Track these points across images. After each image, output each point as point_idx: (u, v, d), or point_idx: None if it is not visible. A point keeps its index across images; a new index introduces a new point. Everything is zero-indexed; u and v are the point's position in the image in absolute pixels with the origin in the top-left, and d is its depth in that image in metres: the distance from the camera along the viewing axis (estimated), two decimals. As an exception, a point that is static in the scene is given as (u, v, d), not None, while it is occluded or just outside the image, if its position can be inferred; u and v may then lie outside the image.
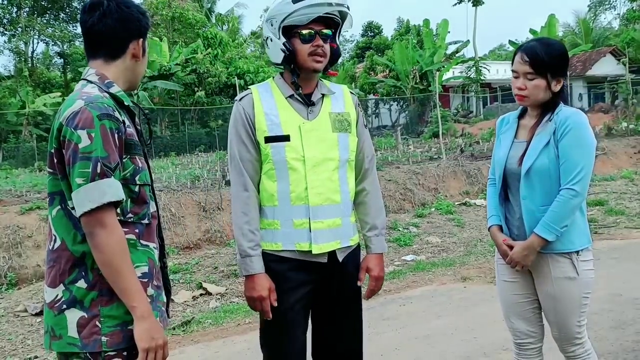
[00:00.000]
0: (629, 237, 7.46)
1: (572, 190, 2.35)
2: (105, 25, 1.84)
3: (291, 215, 2.31)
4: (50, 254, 1.81)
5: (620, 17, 48.14)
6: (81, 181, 1.69)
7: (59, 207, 1.79)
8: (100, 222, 1.69)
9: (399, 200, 9.97)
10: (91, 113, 1.71)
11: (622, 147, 13.89)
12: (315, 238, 2.30)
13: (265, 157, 2.32)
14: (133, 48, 1.91)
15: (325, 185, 2.32)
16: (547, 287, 2.47)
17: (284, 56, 2.29)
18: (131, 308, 1.75)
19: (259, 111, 2.32)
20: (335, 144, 2.35)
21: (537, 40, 2.56)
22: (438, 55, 28.49)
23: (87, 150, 1.69)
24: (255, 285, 2.27)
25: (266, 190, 2.33)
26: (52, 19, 33.50)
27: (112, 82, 1.87)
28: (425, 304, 5.30)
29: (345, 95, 2.48)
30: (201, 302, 5.82)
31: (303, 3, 2.21)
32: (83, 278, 1.77)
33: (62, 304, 1.77)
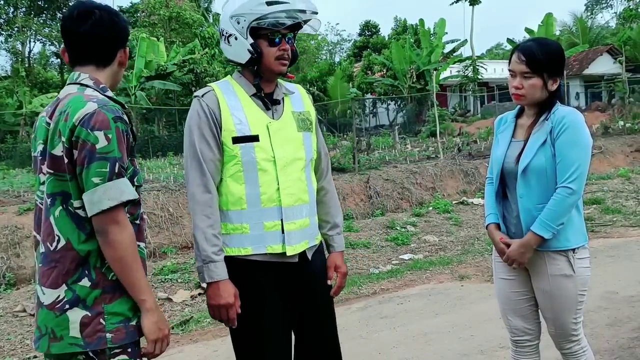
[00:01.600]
0: (625, 235, 7.50)
1: (568, 189, 2.37)
2: (99, 34, 1.89)
3: (262, 217, 2.22)
4: (52, 254, 1.80)
5: (617, 15, 48.25)
6: (98, 180, 1.73)
7: (61, 208, 1.80)
8: (114, 219, 1.74)
9: (396, 200, 10.00)
10: (107, 115, 1.77)
11: (619, 146, 13.94)
12: (289, 239, 2.24)
13: (231, 158, 2.21)
14: (120, 56, 1.98)
15: (296, 186, 2.28)
16: (543, 285, 2.50)
17: (250, 57, 2.20)
18: (140, 301, 1.81)
19: (225, 110, 2.22)
20: (301, 144, 2.33)
21: (534, 40, 2.59)
22: (435, 55, 28.51)
23: (104, 150, 1.74)
24: (221, 292, 2.14)
25: (232, 193, 2.22)
26: (48, 19, 33.45)
27: (106, 87, 1.93)
28: (422, 302, 5.32)
29: (302, 94, 2.46)
30: (199, 301, 5.84)
31: (277, 7, 2.14)
32: (87, 277, 1.79)
33: (64, 304, 1.78)
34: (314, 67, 35.43)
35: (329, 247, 2.51)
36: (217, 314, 2.19)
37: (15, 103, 26.93)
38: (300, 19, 2.20)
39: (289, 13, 2.16)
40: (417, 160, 12.80)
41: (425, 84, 28.33)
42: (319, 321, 2.41)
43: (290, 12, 2.16)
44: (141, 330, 1.85)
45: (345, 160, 11.62)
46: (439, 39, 29.44)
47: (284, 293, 2.28)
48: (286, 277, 2.28)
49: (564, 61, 2.54)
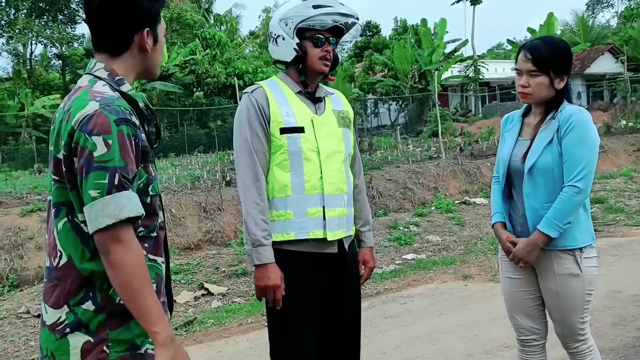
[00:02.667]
0: (628, 234, 7.49)
1: (575, 188, 2.36)
2: (104, 17, 1.66)
3: (306, 204, 2.37)
4: (54, 271, 1.62)
5: (618, 15, 48.21)
6: (96, 194, 1.50)
7: (65, 220, 1.60)
8: (116, 238, 1.51)
9: (399, 200, 9.99)
10: (107, 117, 1.53)
11: (621, 145, 13.91)
12: (330, 226, 2.39)
13: (279, 147, 2.37)
14: (139, 39, 1.70)
15: (337, 176, 2.44)
16: (550, 284, 2.49)
17: (295, 55, 2.39)
18: (152, 334, 1.56)
19: (273, 103, 2.38)
20: (342, 138, 2.50)
21: (541, 38, 2.59)
22: (436, 55, 28.50)
23: (103, 159, 1.51)
24: (270, 274, 2.29)
25: (278, 181, 2.37)
26: (50, 21, 33.50)
27: (123, 80, 1.70)
28: (426, 302, 5.32)
29: (341, 97, 2.66)
30: (203, 302, 5.84)
31: (323, 10, 2.34)
32: (91, 300, 1.58)
33: (65, 327, 1.59)
34: (315, 68, 35.37)
35: (360, 242, 2.67)
36: (263, 295, 2.34)
37: (17, 105, 26.97)
38: (340, 22, 2.40)
39: (333, 16, 2.36)
40: (419, 160, 12.79)
41: (426, 84, 28.33)
42: (348, 311, 2.53)
43: (334, 15, 2.36)
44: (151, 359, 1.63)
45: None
46: (440, 39, 29.43)
47: (319, 283, 2.42)
48: (322, 268, 2.42)
49: (571, 60, 2.54)
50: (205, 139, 24.46)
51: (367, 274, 2.66)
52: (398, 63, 28.93)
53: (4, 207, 8.31)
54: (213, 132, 24.09)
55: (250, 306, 5.49)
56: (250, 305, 5.53)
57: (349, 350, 2.56)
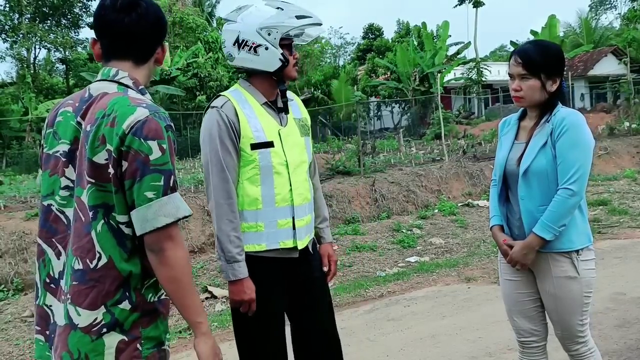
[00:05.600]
0: (632, 236, 7.47)
1: (569, 190, 2.37)
2: (143, 27, 1.74)
3: (275, 216, 2.43)
4: (91, 272, 1.63)
5: (621, 16, 48.13)
6: (152, 195, 1.59)
7: (102, 222, 1.63)
8: (170, 237, 1.61)
9: (402, 202, 10.00)
10: (159, 123, 1.63)
11: (625, 147, 13.90)
12: (299, 235, 2.48)
13: (249, 162, 2.40)
14: (158, 52, 1.84)
15: (303, 186, 2.53)
16: (548, 287, 2.50)
17: (280, 66, 2.41)
18: (196, 324, 1.69)
19: (243, 118, 2.39)
20: (304, 148, 2.57)
21: (532, 42, 2.63)
22: (439, 57, 28.51)
23: (159, 162, 1.60)
24: (245, 289, 2.35)
25: (248, 195, 2.41)
26: (53, 26, 33.59)
27: (144, 89, 1.78)
28: (429, 304, 5.33)
29: (298, 102, 2.68)
30: (207, 305, 5.86)
31: (306, 21, 2.41)
32: (127, 299, 1.65)
33: (101, 327, 1.63)
34: (318, 71, 35.42)
35: (319, 239, 2.76)
36: (237, 307, 2.41)
37: (21, 109, 27.06)
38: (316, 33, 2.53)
39: (314, 27, 2.46)
40: (422, 163, 12.80)
41: (429, 86, 28.33)
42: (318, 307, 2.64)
43: (314, 25, 2.45)
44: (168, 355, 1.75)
45: (350, 163, 11.62)
46: (442, 41, 29.46)
47: (284, 287, 2.51)
48: (288, 270, 2.50)
49: (563, 62, 2.55)
50: (208, 143, 24.45)
51: (333, 268, 2.76)
52: (401, 66, 28.96)
53: (8, 211, 8.35)
54: (216, 136, 24.06)
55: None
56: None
57: (329, 348, 2.64)
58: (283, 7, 2.40)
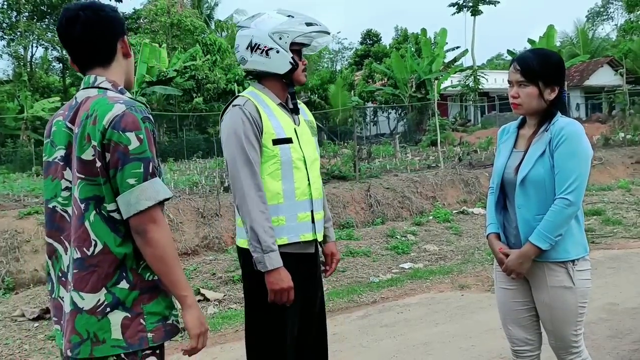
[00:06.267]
0: (626, 246, 7.49)
1: (566, 200, 2.37)
2: (90, 34, 1.88)
3: (296, 210, 2.55)
4: (89, 259, 1.79)
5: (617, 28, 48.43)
6: (134, 181, 1.75)
7: (94, 212, 1.79)
8: (152, 218, 1.76)
9: (397, 208, 10.00)
10: (135, 116, 1.79)
11: (620, 157, 13.95)
12: (318, 228, 2.64)
13: (270, 158, 2.51)
14: (121, 47, 1.97)
15: (318, 182, 2.68)
16: (543, 296, 2.50)
17: (290, 69, 2.55)
18: (182, 297, 1.83)
19: (264, 115, 2.52)
20: (315, 146, 2.73)
21: (531, 50, 2.65)
22: (436, 64, 28.55)
23: (137, 151, 1.76)
24: (283, 277, 2.42)
25: (269, 189, 2.50)
26: (51, 24, 33.47)
27: (124, 89, 1.94)
28: (423, 311, 5.31)
29: (304, 106, 2.82)
30: (199, 308, 5.82)
31: (315, 28, 2.57)
32: (124, 279, 1.81)
33: (105, 307, 1.78)
34: (315, 75, 35.47)
35: (324, 237, 2.82)
36: (278, 297, 2.44)
37: (17, 107, 26.94)
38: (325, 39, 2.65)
39: (322, 34, 2.61)
40: (417, 169, 12.80)
41: (426, 93, 28.37)
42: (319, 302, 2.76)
43: (322, 33, 2.60)
44: (176, 329, 1.89)
45: (346, 168, 11.62)
46: (440, 48, 29.51)
47: (300, 283, 2.55)
48: (302, 267, 2.59)
49: (563, 71, 2.55)
50: (204, 145, 24.44)
51: (334, 265, 2.87)
52: (398, 72, 28.98)
53: (1, 209, 8.30)
54: (212, 138, 24.04)
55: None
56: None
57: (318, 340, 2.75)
58: (294, 15, 2.57)
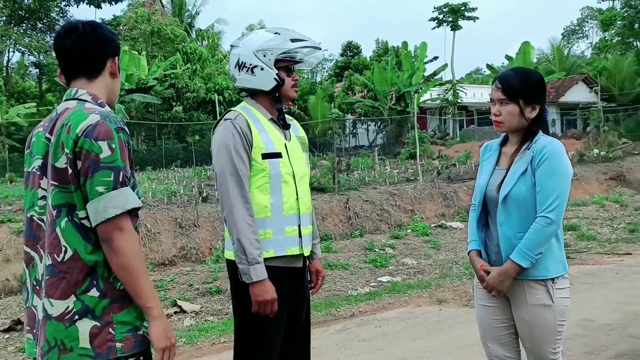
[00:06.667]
0: (600, 262, 7.59)
1: (547, 218, 2.40)
2: (83, 46, 1.95)
3: (283, 224, 2.57)
4: (59, 265, 1.81)
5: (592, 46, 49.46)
6: (102, 189, 1.76)
7: (66, 219, 1.81)
8: (119, 227, 1.77)
9: (375, 221, 10.01)
10: (109, 126, 1.81)
11: (594, 174, 14.18)
12: (305, 242, 2.64)
13: (259, 172, 2.54)
14: (110, 66, 2.03)
15: (307, 196, 2.70)
16: (522, 314, 2.51)
17: (275, 85, 2.58)
18: (147, 309, 1.82)
19: (254, 129, 2.55)
20: (305, 162, 2.77)
21: (513, 69, 2.68)
22: (416, 77, 28.81)
23: (108, 160, 1.78)
24: (268, 289, 2.45)
25: (257, 203, 2.53)
26: (29, 29, 33.06)
27: (104, 103, 1.98)
28: (401, 325, 5.31)
29: (296, 123, 2.86)
30: (175, 320, 5.75)
31: (301, 44, 2.61)
32: (95, 287, 1.81)
33: (73, 314, 1.78)
34: (295, 86, 35.45)
35: (311, 254, 2.85)
36: (262, 308, 2.47)
37: (-8, 112, 26.47)
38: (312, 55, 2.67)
39: (308, 49, 2.63)
40: (396, 182, 12.86)
41: (405, 105, 28.58)
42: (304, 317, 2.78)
43: (309, 48, 2.64)
44: (147, 340, 1.87)
45: (325, 180, 11.62)
46: (420, 61, 29.79)
47: (287, 296, 2.60)
48: (290, 281, 2.62)
49: (544, 90, 2.58)
50: (182, 154, 24.29)
51: (320, 283, 2.91)
52: (378, 84, 29.18)
53: (-27, 217, 8.12)
54: (191, 147, 23.95)
55: (224, 325, 5.42)
56: (223, 324, 5.47)
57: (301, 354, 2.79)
58: (281, 32, 2.61)
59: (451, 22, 33.07)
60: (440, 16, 33.40)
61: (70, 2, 31.97)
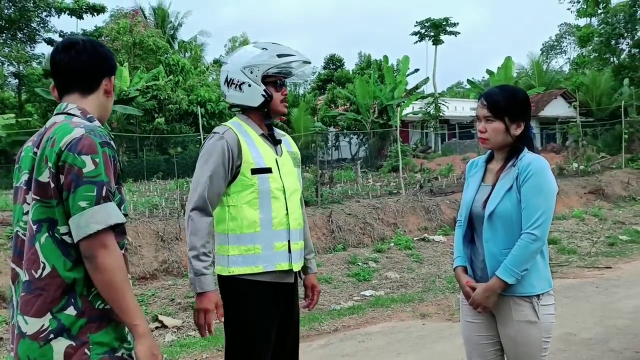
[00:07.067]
0: (581, 276, 7.66)
1: (532, 235, 2.41)
2: (81, 61, 1.95)
3: (273, 239, 2.56)
4: (36, 282, 1.76)
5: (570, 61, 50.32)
6: (85, 204, 1.72)
7: (47, 234, 1.77)
8: (102, 243, 1.73)
9: (358, 235, 10.00)
10: (94, 140, 1.78)
11: (573, 187, 14.34)
12: (295, 258, 2.63)
13: (248, 187, 2.53)
14: (105, 84, 2.02)
15: (297, 212, 2.69)
16: (508, 330, 2.51)
17: (263, 101, 2.60)
18: (133, 327, 1.78)
19: (244, 145, 2.55)
20: (297, 177, 2.77)
21: (498, 86, 2.70)
22: (398, 91, 29.00)
23: (92, 174, 1.75)
24: (206, 300, 2.44)
25: (247, 217, 2.53)
26: (8, 39, 32.70)
27: (93, 117, 1.95)
28: (384, 340, 5.29)
29: (289, 139, 2.89)
30: (156, 335, 5.67)
31: (287, 59, 2.60)
32: (72, 305, 1.76)
33: (49, 333, 1.74)
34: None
35: (306, 269, 2.87)
36: (197, 318, 2.47)
37: (-31, 123, 26.07)
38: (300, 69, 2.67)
39: (295, 64, 2.63)
40: (379, 195, 12.88)
41: (387, 119, 28.75)
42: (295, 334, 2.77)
43: (296, 62, 2.63)
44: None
45: (308, 193, 11.60)
46: (402, 75, 30.01)
47: (278, 312, 2.61)
48: (281, 296, 2.61)
49: (528, 107, 2.61)
50: (164, 166, 24.15)
51: (316, 298, 2.92)
52: (360, 97, 29.32)
53: (-51, 230, 7.95)
54: (173, 159, 23.85)
55: (206, 341, 5.35)
56: (205, 340, 5.39)
57: None
58: (268, 47, 2.62)
59: (433, 36, 33.36)
60: (422, 31, 33.66)
61: (52, 12, 31.66)
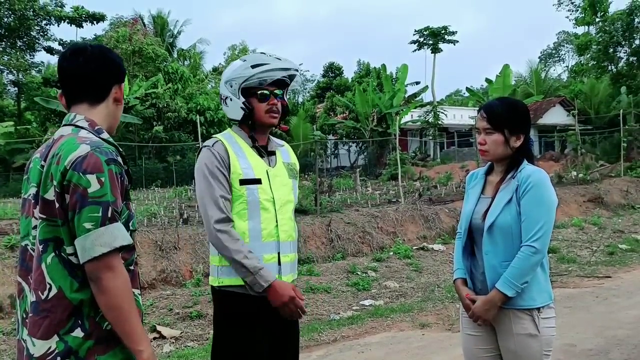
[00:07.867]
0: (580, 285, 7.64)
1: (532, 247, 2.41)
2: (90, 69, 1.89)
3: (262, 251, 2.51)
4: (43, 303, 1.73)
5: (568, 69, 50.45)
6: (90, 226, 1.68)
7: (53, 254, 1.73)
8: (108, 266, 1.68)
9: (357, 244, 9.98)
10: (99, 158, 1.73)
11: (572, 196, 14.33)
12: (284, 270, 2.57)
13: (237, 197, 2.51)
14: (115, 92, 1.96)
15: (289, 224, 2.63)
16: (508, 343, 2.50)
17: (243, 114, 2.57)
18: (137, 352, 1.73)
19: (233, 156, 2.53)
20: (291, 189, 2.70)
21: (498, 99, 2.72)
22: (397, 99, 29.05)
23: (97, 194, 1.69)
24: (281, 290, 2.43)
25: (236, 228, 2.48)
26: (8, 47, 32.78)
27: (102, 129, 1.90)
28: (384, 351, 5.26)
29: (288, 149, 2.85)
30: (154, 346, 5.63)
31: (261, 68, 2.53)
32: (80, 327, 1.73)
33: (55, 356, 1.71)
34: (277, 107, 35.47)
35: None
36: (286, 310, 2.46)
37: (-32, 131, 26.08)
38: (278, 77, 2.57)
39: (270, 73, 2.54)
40: (378, 204, 12.86)
41: (386, 127, 28.77)
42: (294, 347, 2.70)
43: (272, 71, 2.54)
44: None
45: (307, 202, 11.59)
46: (401, 83, 30.08)
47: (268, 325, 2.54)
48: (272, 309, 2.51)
49: (528, 119, 2.62)
50: (163, 174, 24.12)
51: None
52: (359, 105, 29.36)
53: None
54: (171, 167, 23.78)
55: (204, 351, 5.32)
56: (204, 350, 5.37)
57: None
58: (247, 58, 2.60)
59: (432, 45, 33.50)
60: (421, 39, 33.81)
61: (51, 20, 31.76)
